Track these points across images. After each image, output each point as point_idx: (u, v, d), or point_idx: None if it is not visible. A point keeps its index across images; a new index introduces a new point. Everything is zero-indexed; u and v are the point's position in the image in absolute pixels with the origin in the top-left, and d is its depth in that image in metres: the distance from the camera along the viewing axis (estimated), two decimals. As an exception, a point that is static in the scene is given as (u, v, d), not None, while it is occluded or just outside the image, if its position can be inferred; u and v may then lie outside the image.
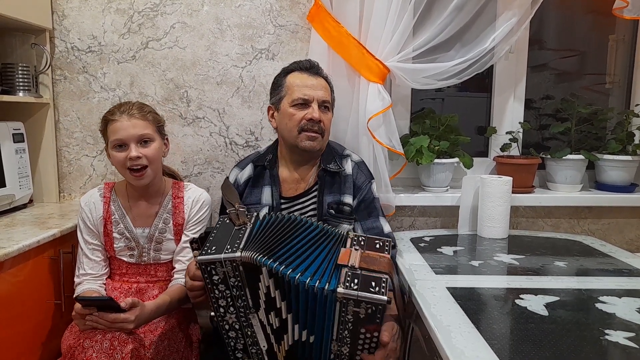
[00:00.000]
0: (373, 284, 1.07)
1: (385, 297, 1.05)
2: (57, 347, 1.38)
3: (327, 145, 1.53)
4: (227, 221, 1.24)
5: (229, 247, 1.13)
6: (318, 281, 1.08)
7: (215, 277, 1.13)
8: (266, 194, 1.48)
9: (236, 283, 1.13)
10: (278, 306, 1.14)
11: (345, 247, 1.18)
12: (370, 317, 1.07)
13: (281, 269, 1.09)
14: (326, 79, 1.50)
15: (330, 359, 1.16)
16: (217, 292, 1.15)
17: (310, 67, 1.48)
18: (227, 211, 1.27)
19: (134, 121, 1.36)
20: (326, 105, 1.45)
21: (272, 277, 1.11)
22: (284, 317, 1.14)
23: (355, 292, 1.05)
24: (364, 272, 1.10)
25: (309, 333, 1.15)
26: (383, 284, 1.07)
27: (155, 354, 1.30)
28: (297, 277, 1.08)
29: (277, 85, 1.49)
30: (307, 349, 1.17)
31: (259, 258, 1.10)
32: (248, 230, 1.19)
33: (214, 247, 1.14)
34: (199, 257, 1.13)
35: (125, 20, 1.83)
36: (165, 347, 1.35)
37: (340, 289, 1.06)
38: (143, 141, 1.38)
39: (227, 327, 1.18)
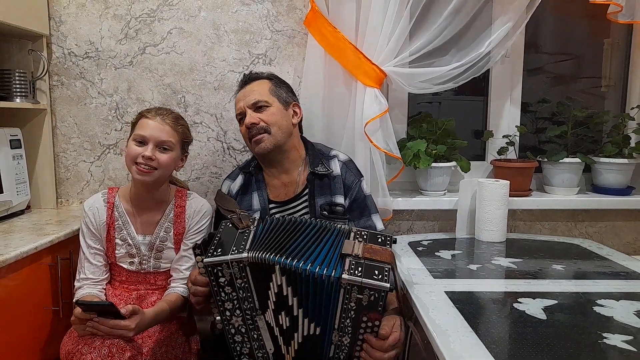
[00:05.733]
0: (376, 272, 1.10)
1: (387, 284, 1.08)
2: (55, 352, 1.37)
3: (313, 147, 1.53)
4: (230, 225, 1.25)
5: (234, 248, 1.15)
6: (326, 269, 1.10)
7: (222, 279, 1.14)
8: (255, 200, 1.49)
9: (243, 285, 1.14)
10: (290, 304, 1.15)
11: (349, 239, 1.20)
12: (373, 304, 1.09)
13: (294, 263, 1.11)
14: (260, 78, 1.51)
15: (330, 357, 1.17)
16: (223, 294, 1.16)
17: (243, 83, 1.52)
18: (229, 217, 1.28)
19: (164, 126, 1.39)
20: (261, 105, 1.44)
21: (285, 274, 1.13)
22: (295, 314, 1.16)
23: (360, 279, 1.08)
24: (367, 262, 1.12)
25: (316, 325, 1.16)
26: (386, 273, 1.10)
27: (153, 360, 1.30)
28: (307, 268, 1.10)
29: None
30: (314, 346, 1.18)
31: (270, 257, 1.12)
32: (252, 233, 1.21)
33: (219, 250, 1.15)
34: (205, 259, 1.14)
35: (122, 26, 1.84)
36: (163, 354, 1.34)
37: (344, 275, 1.09)
38: (163, 147, 1.39)
39: (232, 331, 1.19)
